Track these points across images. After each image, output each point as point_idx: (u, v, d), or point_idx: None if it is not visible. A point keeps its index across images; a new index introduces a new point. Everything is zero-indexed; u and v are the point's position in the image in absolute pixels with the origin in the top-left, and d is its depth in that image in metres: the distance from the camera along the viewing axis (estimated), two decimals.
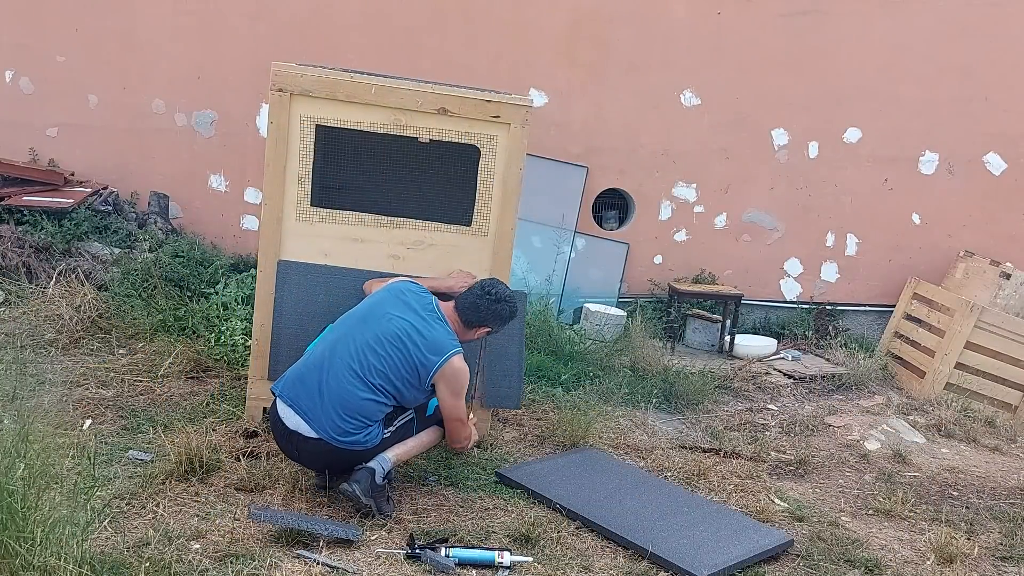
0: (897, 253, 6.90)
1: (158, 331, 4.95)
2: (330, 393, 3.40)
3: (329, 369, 3.44)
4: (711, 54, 6.49)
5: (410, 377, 3.48)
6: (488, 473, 3.98)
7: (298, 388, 3.46)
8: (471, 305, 3.64)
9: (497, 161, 4.04)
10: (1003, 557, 3.84)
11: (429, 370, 3.48)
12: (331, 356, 3.47)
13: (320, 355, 3.51)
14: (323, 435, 3.38)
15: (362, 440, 3.42)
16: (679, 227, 6.72)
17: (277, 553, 3.10)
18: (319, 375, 3.44)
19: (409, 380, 3.49)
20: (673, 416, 5.14)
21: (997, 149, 6.80)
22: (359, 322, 3.56)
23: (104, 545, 2.98)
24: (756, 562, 3.51)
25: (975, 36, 6.61)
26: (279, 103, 3.91)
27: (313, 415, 3.40)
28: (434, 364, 3.48)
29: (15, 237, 5.47)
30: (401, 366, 3.47)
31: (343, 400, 3.40)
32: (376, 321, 3.53)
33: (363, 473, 3.40)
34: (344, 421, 3.39)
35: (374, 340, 3.47)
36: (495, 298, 3.64)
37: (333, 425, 3.38)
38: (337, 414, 3.38)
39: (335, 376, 3.42)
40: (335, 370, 3.43)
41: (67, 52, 6.16)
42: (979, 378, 6.01)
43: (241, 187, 6.36)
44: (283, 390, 3.49)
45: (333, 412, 3.39)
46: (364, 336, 3.49)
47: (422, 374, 3.49)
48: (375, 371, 3.44)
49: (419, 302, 3.61)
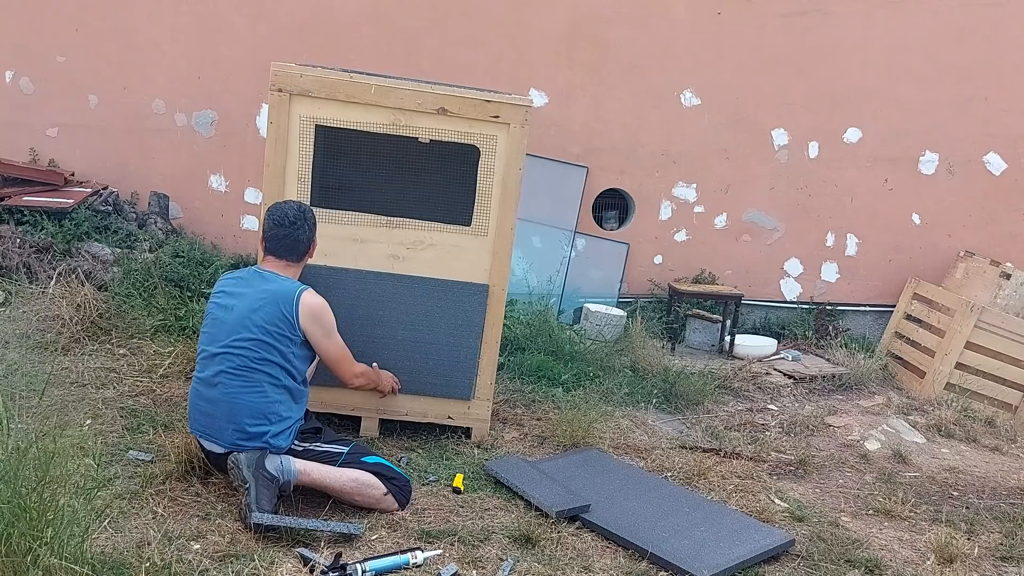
0: (897, 253, 6.90)
1: (158, 331, 4.95)
2: (221, 411, 3.38)
3: (213, 385, 3.41)
4: (711, 54, 6.50)
5: (282, 343, 3.42)
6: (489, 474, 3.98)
7: (197, 418, 3.47)
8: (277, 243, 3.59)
9: (497, 161, 4.04)
10: (1003, 557, 3.84)
11: (292, 320, 3.44)
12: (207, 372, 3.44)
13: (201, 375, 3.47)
14: (228, 447, 3.36)
15: (267, 445, 3.36)
16: (679, 227, 6.72)
17: (277, 553, 3.10)
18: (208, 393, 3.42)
19: (283, 346, 3.42)
20: (673, 416, 5.14)
21: (997, 149, 6.81)
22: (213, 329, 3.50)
23: (104, 545, 2.98)
24: (757, 562, 3.51)
25: (975, 36, 6.62)
26: (278, 103, 3.91)
27: (213, 433, 3.40)
28: (291, 309, 3.43)
29: (15, 237, 5.47)
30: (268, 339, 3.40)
31: (232, 412, 3.36)
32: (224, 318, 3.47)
33: (256, 452, 3.31)
34: (244, 426, 3.35)
35: (230, 332, 3.43)
36: (289, 223, 3.57)
37: (234, 433, 3.35)
38: (233, 423, 3.36)
39: (219, 388, 3.39)
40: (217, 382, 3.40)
41: (67, 52, 6.16)
42: (979, 378, 6.01)
43: (241, 187, 6.37)
44: (191, 426, 3.52)
45: (228, 423, 3.36)
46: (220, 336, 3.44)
47: (290, 327, 3.43)
48: (251, 367, 3.38)
49: (245, 277, 3.58)
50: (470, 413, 4.27)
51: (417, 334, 4.13)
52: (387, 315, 4.10)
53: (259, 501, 3.21)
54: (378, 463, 3.53)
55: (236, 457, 3.29)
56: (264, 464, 3.29)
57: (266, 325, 3.41)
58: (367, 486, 3.45)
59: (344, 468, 3.47)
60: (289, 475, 3.34)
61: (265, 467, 3.29)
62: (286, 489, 3.35)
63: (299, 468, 3.37)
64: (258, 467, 3.27)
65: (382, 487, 3.47)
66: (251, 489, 3.22)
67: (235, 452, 3.32)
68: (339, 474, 3.45)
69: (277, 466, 3.32)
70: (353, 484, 3.44)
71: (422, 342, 4.14)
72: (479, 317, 4.16)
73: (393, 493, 3.50)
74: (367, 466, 3.50)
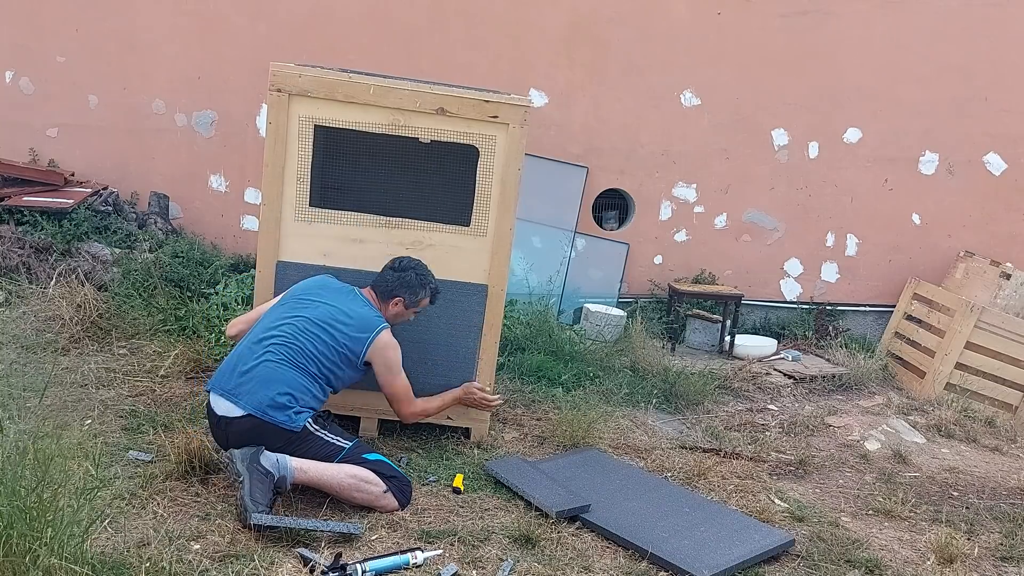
0: (897, 253, 6.90)
1: (158, 331, 4.95)
2: (259, 374, 3.44)
3: (261, 356, 3.47)
4: (711, 54, 6.50)
5: (341, 359, 3.60)
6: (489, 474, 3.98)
7: (226, 376, 3.51)
8: (379, 278, 3.86)
9: (496, 161, 4.04)
10: (1003, 557, 3.84)
11: (360, 348, 3.63)
12: (261, 344, 3.52)
13: (248, 345, 3.55)
14: (251, 410, 3.38)
15: (288, 420, 3.39)
16: (679, 227, 6.72)
17: (277, 553, 3.10)
18: (248, 363, 3.48)
19: (341, 361, 3.60)
20: (673, 416, 5.13)
21: (997, 149, 6.81)
22: (288, 311, 3.65)
23: (104, 545, 2.98)
24: (757, 562, 3.51)
25: (975, 36, 6.62)
26: (278, 103, 3.91)
27: (240, 393, 3.42)
28: (364, 342, 3.63)
29: (15, 237, 5.47)
30: (332, 347, 3.58)
31: (271, 378, 3.42)
32: (304, 307, 3.65)
33: (253, 448, 3.33)
34: (275, 394, 3.40)
35: (304, 324, 3.57)
36: (399, 268, 3.85)
37: (262, 397, 3.38)
38: (265, 388, 3.40)
39: (266, 361, 3.46)
40: (267, 356, 3.47)
41: (67, 52, 6.16)
42: (979, 378, 6.01)
43: (241, 187, 6.37)
44: (213, 384, 3.54)
45: (261, 387, 3.40)
46: (293, 322, 3.58)
47: (355, 352, 3.62)
48: (307, 354, 3.53)
49: (340, 287, 3.80)
50: (469, 413, 4.27)
51: (416, 334, 4.13)
52: None
53: (253, 495, 3.20)
54: (379, 461, 3.54)
55: (232, 452, 3.32)
56: (259, 459, 3.29)
57: (339, 342, 3.60)
58: (366, 482, 3.45)
59: (343, 464, 3.47)
60: (285, 471, 3.33)
61: (260, 462, 3.29)
62: (282, 486, 3.34)
63: (296, 465, 3.36)
64: (252, 461, 3.27)
65: (381, 484, 3.47)
66: (245, 483, 3.22)
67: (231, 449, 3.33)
68: (337, 470, 3.43)
69: (273, 462, 3.31)
70: (352, 480, 3.43)
71: (421, 342, 4.14)
72: (478, 317, 4.16)
73: (393, 492, 3.50)
74: (368, 463, 3.50)
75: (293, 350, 3.51)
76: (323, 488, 3.43)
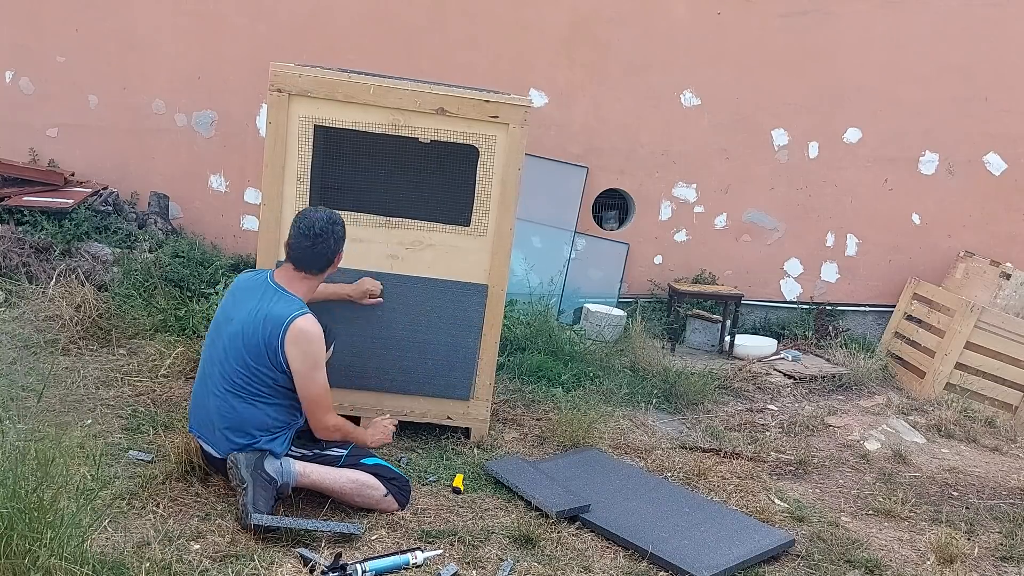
0: (897, 253, 6.90)
1: (158, 331, 4.95)
2: (215, 420, 3.37)
3: (207, 397, 3.40)
4: (711, 54, 6.49)
5: (267, 365, 3.30)
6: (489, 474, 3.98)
7: (195, 415, 3.47)
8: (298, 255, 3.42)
9: (496, 161, 4.04)
10: (1003, 557, 3.84)
11: (275, 346, 3.27)
12: (203, 383, 3.45)
13: (199, 381, 3.48)
14: (227, 454, 3.35)
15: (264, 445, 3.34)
16: (679, 227, 6.72)
17: (277, 553, 3.10)
18: (204, 404, 3.42)
19: (268, 369, 3.31)
20: (673, 416, 5.14)
21: (997, 149, 6.80)
22: (214, 335, 3.47)
23: (104, 545, 2.98)
24: (757, 562, 3.51)
25: (975, 36, 6.61)
26: (277, 103, 3.91)
27: (211, 441, 3.40)
28: (277, 337, 3.27)
29: (15, 237, 5.47)
30: (255, 358, 3.30)
31: (223, 417, 3.35)
32: (223, 327, 3.42)
33: (256, 453, 3.29)
34: (236, 438, 3.33)
35: (225, 346, 3.37)
36: (313, 235, 3.39)
37: (230, 445, 3.34)
38: (225, 435, 3.35)
39: (213, 396, 3.38)
40: (211, 389, 3.39)
41: (67, 52, 6.16)
42: (979, 378, 6.01)
43: (241, 187, 6.37)
44: (191, 424, 3.51)
45: (222, 435, 3.35)
46: (218, 346, 3.41)
47: (272, 353, 3.29)
48: (237, 375, 3.32)
49: (252, 286, 3.45)
50: (469, 413, 4.27)
51: (416, 334, 4.13)
52: (386, 315, 4.09)
53: (256, 502, 3.20)
54: (377, 464, 3.53)
55: (236, 457, 3.29)
56: (263, 465, 3.29)
57: (248, 359, 3.31)
58: (367, 487, 3.45)
59: (343, 469, 3.47)
60: (288, 477, 3.34)
61: (264, 468, 3.29)
62: (284, 491, 3.35)
63: (298, 470, 3.37)
64: (256, 468, 3.27)
65: (382, 488, 3.47)
66: (248, 489, 3.21)
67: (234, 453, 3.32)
68: (338, 475, 3.44)
69: (276, 468, 3.32)
70: (353, 485, 3.44)
71: (421, 342, 4.14)
72: (478, 317, 4.16)
73: (393, 493, 3.50)
74: (366, 467, 3.49)
75: (228, 383, 3.33)
76: (325, 492, 3.44)
